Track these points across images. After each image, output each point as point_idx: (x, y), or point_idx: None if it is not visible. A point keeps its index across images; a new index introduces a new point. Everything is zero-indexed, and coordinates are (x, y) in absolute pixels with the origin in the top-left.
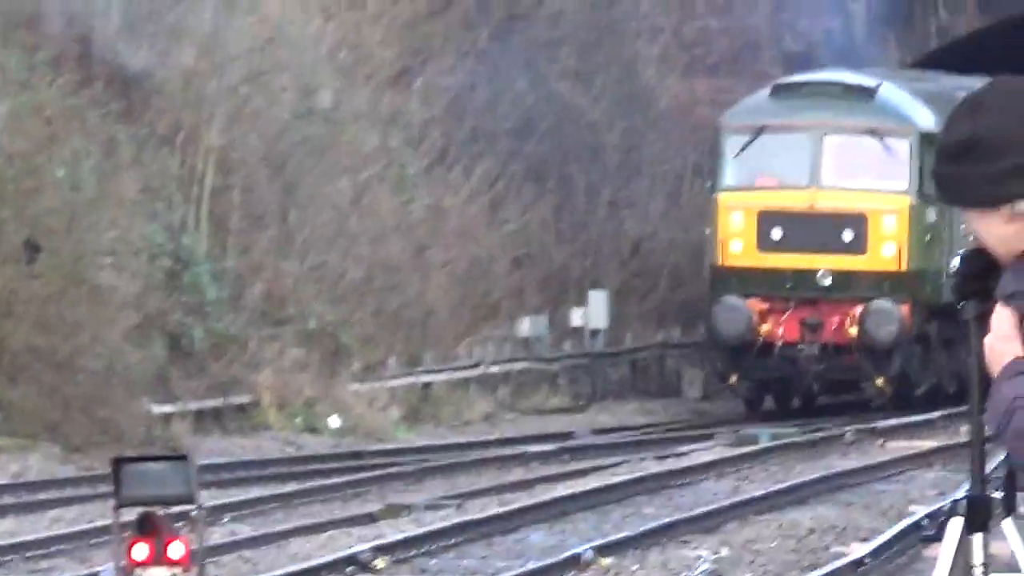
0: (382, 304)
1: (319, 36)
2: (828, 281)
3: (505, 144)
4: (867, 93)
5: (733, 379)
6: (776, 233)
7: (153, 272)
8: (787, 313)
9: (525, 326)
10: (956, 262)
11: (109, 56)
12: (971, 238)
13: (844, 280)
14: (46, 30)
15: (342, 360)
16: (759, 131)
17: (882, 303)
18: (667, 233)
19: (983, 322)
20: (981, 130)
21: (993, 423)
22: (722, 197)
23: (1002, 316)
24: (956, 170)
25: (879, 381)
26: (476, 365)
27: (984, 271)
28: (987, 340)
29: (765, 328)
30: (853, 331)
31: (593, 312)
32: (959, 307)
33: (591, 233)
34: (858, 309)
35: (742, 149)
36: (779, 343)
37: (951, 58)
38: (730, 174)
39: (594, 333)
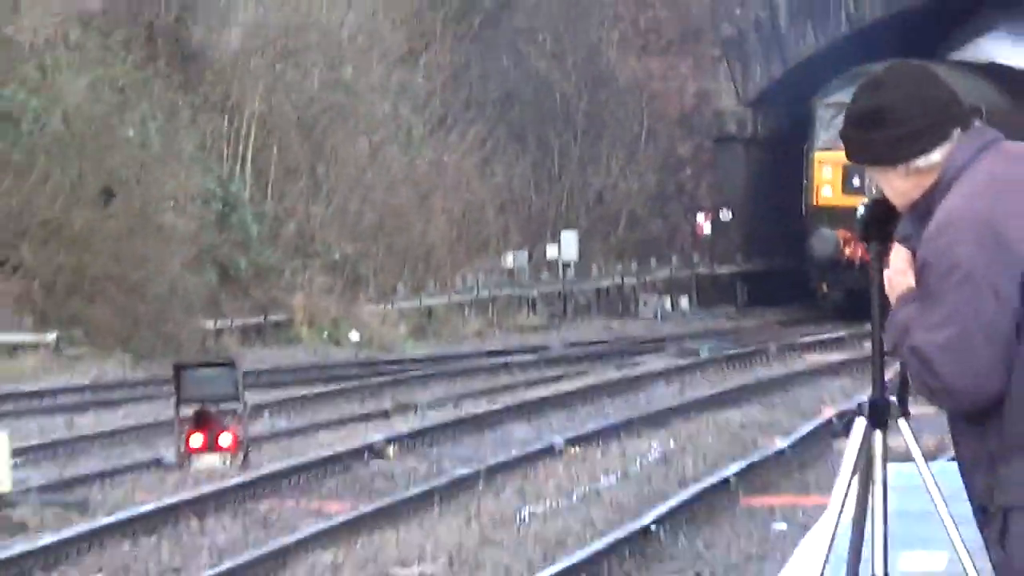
0: (392, 241)
1: (341, 22)
2: None
3: (493, 111)
4: None
5: (824, 288)
6: (855, 181)
7: (206, 214)
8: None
9: (509, 259)
10: (861, 209)
11: (171, 37)
12: (874, 190)
13: None
14: (117, 17)
15: (360, 286)
16: (843, 107)
17: None
18: (625, 184)
19: (883, 258)
20: (882, 103)
21: (890, 341)
22: (816, 155)
23: (899, 254)
24: (862, 135)
25: None
26: (470, 291)
27: (885, 217)
28: (887, 273)
29: (848, 251)
30: None
31: (565, 248)
32: (866, 246)
33: (563, 183)
34: None
35: (831, 119)
36: (858, 262)
37: (862, 44)
38: (822, 138)
39: (566, 265)
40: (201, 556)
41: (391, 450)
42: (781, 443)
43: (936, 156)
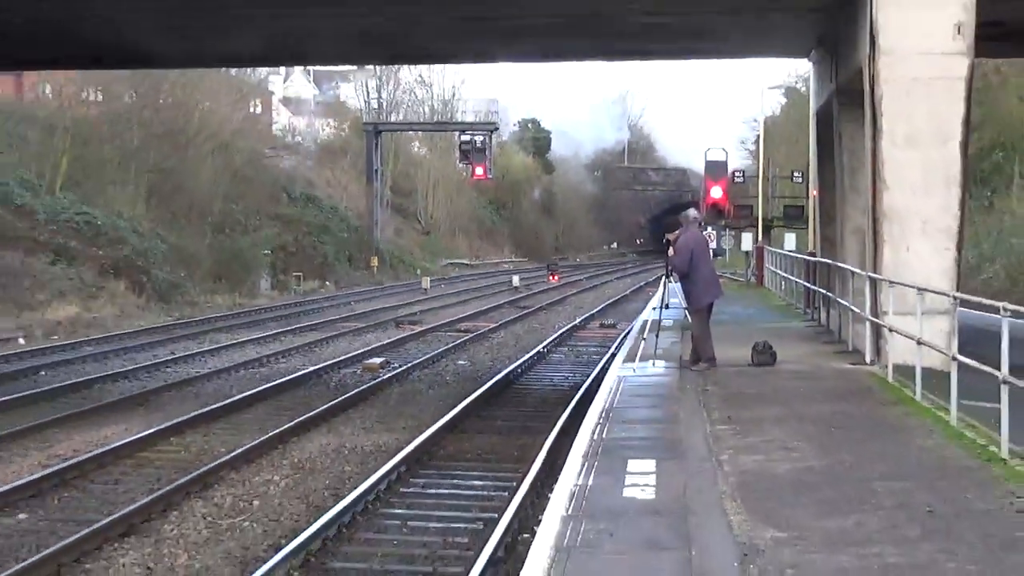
0: (578, 246)
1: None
2: None
3: (609, 229)
4: None
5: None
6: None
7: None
8: None
9: (604, 248)
10: (666, 237)
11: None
12: (675, 232)
13: None
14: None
15: (571, 252)
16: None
17: None
18: (625, 236)
19: (670, 247)
20: (681, 218)
21: (670, 264)
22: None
23: (673, 247)
24: (672, 219)
25: None
26: (594, 253)
27: (671, 240)
28: (670, 252)
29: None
30: None
31: (616, 245)
32: (664, 244)
33: (613, 234)
34: None
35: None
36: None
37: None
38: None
39: (614, 248)
40: (548, 299)
41: (584, 280)
42: (649, 279)
43: (681, 229)
